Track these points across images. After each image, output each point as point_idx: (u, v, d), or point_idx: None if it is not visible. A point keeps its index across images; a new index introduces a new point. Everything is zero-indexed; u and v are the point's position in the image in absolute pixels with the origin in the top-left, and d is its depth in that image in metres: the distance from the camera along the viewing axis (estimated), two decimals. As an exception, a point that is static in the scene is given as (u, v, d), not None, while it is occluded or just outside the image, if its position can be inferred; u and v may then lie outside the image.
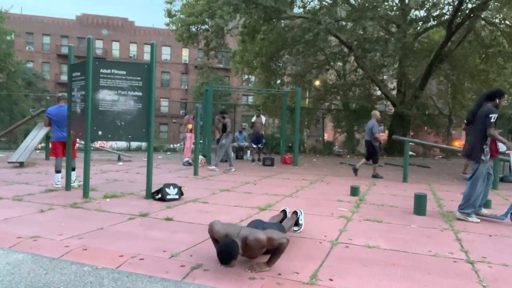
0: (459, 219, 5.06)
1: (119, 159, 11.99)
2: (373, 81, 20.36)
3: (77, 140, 11.30)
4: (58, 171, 6.80)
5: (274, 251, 3.06)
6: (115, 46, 43.33)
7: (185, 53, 43.81)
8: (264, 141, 13.51)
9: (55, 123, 6.84)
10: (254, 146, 12.90)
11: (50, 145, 7.52)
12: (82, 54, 36.13)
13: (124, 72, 5.83)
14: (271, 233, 3.01)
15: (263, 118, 13.36)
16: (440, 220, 5.02)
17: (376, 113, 9.86)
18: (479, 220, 4.99)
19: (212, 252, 3.35)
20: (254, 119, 13.31)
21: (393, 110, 20.94)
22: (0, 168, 9.10)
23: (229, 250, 2.83)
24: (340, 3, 17.38)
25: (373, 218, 4.97)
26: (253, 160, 12.80)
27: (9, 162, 9.51)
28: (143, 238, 3.79)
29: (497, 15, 15.49)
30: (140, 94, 5.88)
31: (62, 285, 2.72)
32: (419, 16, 19.50)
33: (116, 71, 5.79)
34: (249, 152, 14.45)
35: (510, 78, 20.76)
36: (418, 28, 19.53)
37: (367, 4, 15.91)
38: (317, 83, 24.30)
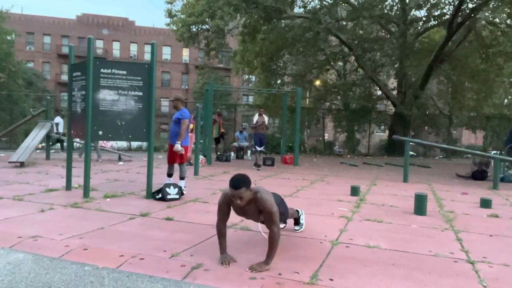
0: None
1: (120, 159, 11.99)
2: (374, 81, 20.37)
3: (78, 140, 11.31)
4: (183, 177, 6.51)
5: (268, 246, 3.07)
6: (116, 46, 43.31)
7: (185, 53, 43.78)
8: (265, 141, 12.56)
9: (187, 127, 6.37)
10: (258, 149, 10.83)
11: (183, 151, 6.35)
12: (83, 54, 36.04)
13: (125, 72, 5.83)
14: (276, 212, 3.08)
15: (266, 118, 11.36)
16: (441, 220, 5.02)
17: None
18: None
19: (212, 252, 3.35)
20: (256, 118, 11.21)
21: (393, 110, 20.94)
22: (1, 168, 9.10)
23: (242, 176, 3.01)
24: (340, 2, 17.39)
25: (374, 218, 4.97)
26: (258, 166, 10.80)
27: (9, 162, 9.51)
28: (143, 238, 3.79)
29: (498, 16, 15.50)
30: (141, 94, 5.88)
31: (62, 285, 2.72)
32: (420, 16, 19.52)
33: (116, 71, 5.79)
34: (249, 152, 14.42)
35: (510, 78, 20.77)
36: (419, 28, 19.53)
37: (365, 5, 15.92)
38: (317, 83, 24.29)
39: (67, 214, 4.72)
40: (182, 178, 6.42)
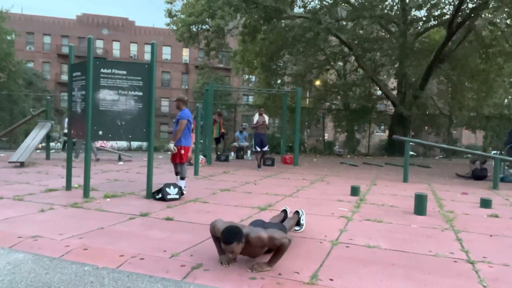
0: None
1: (120, 158, 11.99)
2: (373, 81, 20.37)
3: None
4: (178, 173, 6.49)
5: (275, 251, 3.06)
6: (116, 46, 43.31)
7: (185, 53, 43.78)
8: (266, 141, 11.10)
9: (187, 128, 6.36)
10: (259, 149, 10.68)
11: (183, 150, 6.32)
12: (83, 54, 36.04)
13: (125, 72, 5.83)
14: (273, 233, 3.02)
15: (266, 118, 11.17)
16: (441, 220, 5.02)
17: None
18: None
19: (212, 252, 3.35)
20: (256, 118, 11.03)
21: (393, 110, 20.94)
22: (1, 168, 9.10)
23: (234, 230, 2.90)
24: (340, 2, 17.38)
25: (374, 218, 4.97)
26: (258, 166, 10.70)
27: (9, 162, 9.51)
28: (143, 238, 3.79)
29: (498, 16, 15.50)
30: (141, 94, 5.88)
31: (62, 285, 2.72)
32: (420, 16, 19.52)
33: (116, 71, 5.79)
34: (249, 152, 14.42)
35: (510, 78, 20.77)
36: (419, 28, 19.54)
37: (366, 4, 15.91)
38: (317, 83, 24.29)
39: (67, 214, 4.72)
40: (182, 178, 6.43)
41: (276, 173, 10.01)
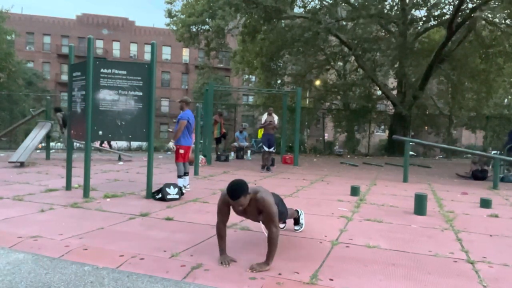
0: None
1: (120, 159, 11.99)
2: (373, 81, 20.36)
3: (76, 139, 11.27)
4: (186, 173, 6.68)
5: (268, 245, 3.07)
6: (116, 46, 43.30)
7: (185, 53, 43.77)
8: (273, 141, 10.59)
9: (187, 128, 6.53)
10: (266, 149, 10.34)
11: (181, 150, 6.54)
12: (83, 54, 36.06)
13: (125, 72, 5.83)
14: (276, 212, 3.09)
15: (275, 118, 10.89)
16: (441, 220, 5.02)
17: None
18: None
19: (212, 252, 3.35)
20: (265, 117, 10.74)
21: (393, 110, 20.93)
22: (1, 168, 9.10)
23: (238, 186, 2.98)
24: (341, 2, 17.38)
25: (374, 218, 4.97)
26: (263, 167, 10.37)
27: (9, 162, 9.51)
28: (143, 238, 3.79)
29: (498, 14, 15.50)
30: (141, 94, 5.89)
31: (62, 285, 2.72)
32: (420, 16, 19.53)
33: (116, 71, 5.80)
34: (249, 152, 14.42)
35: (510, 78, 20.77)
36: (419, 28, 19.54)
37: (366, 3, 15.90)
38: (317, 83, 24.29)
39: (67, 214, 4.72)
40: (178, 176, 6.61)
41: (276, 173, 10.01)
